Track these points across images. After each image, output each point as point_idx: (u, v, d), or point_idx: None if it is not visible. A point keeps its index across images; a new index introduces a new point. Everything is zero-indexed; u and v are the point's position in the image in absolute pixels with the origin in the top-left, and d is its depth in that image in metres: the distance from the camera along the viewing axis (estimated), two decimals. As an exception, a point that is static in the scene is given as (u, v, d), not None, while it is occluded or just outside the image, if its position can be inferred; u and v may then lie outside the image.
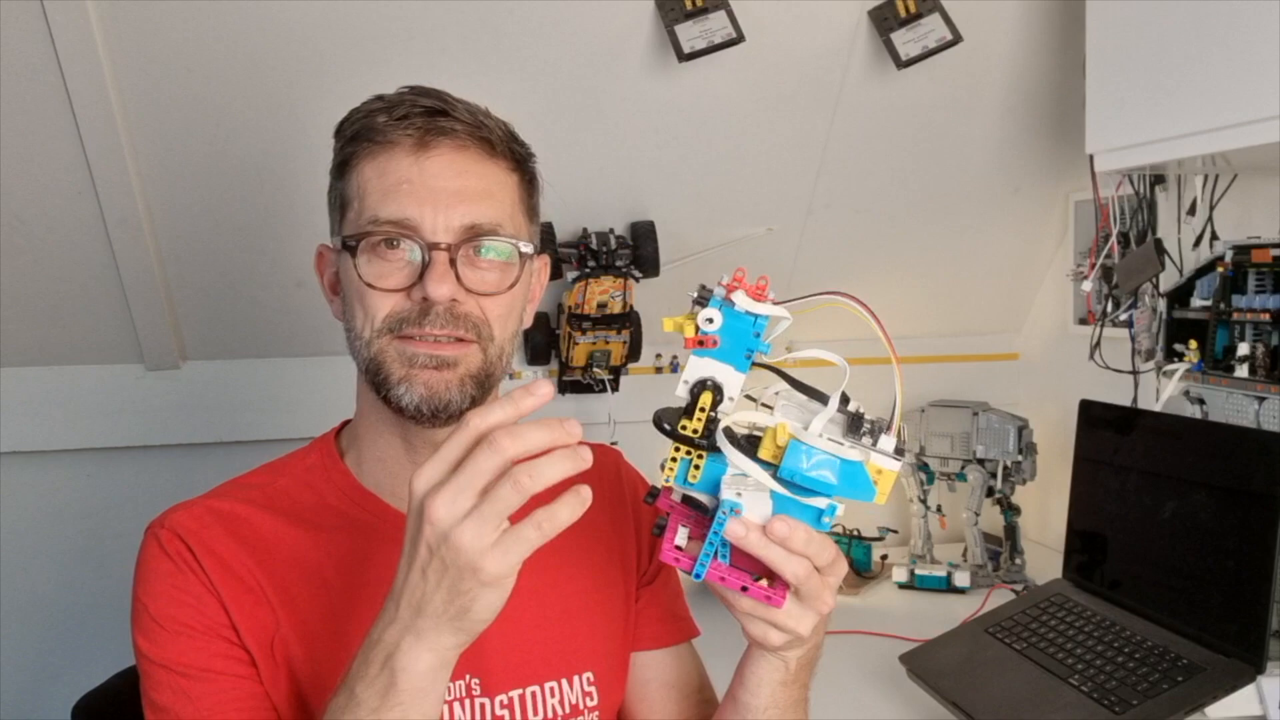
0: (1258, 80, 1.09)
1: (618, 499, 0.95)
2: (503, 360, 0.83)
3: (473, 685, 0.80)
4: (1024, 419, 1.68)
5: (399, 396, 0.79)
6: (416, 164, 0.78)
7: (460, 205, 0.78)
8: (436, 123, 0.78)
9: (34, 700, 1.54)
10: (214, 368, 1.56)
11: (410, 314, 0.78)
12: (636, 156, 1.51)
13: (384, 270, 0.78)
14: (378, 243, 0.78)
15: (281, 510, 0.83)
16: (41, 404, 1.49)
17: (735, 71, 1.40)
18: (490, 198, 0.80)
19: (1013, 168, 1.70)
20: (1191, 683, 1.11)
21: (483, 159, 0.80)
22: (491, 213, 0.79)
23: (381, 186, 0.78)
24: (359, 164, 0.80)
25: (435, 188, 0.77)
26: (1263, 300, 1.31)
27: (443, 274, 0.77)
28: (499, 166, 0.82)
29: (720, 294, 0.63)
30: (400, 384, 0.79)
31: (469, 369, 0.79)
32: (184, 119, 1.29)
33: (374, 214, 0.77)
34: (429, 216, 0.77)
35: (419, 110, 0.78)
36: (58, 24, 1.14)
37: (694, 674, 0.96)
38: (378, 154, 0.79)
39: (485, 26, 1.30)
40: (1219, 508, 1.20)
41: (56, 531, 1.55)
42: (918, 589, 1.62)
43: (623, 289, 1.54)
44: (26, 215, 1.32)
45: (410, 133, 0.78)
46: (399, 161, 0.78)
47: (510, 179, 0.83)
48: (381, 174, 0.78)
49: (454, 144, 0.79)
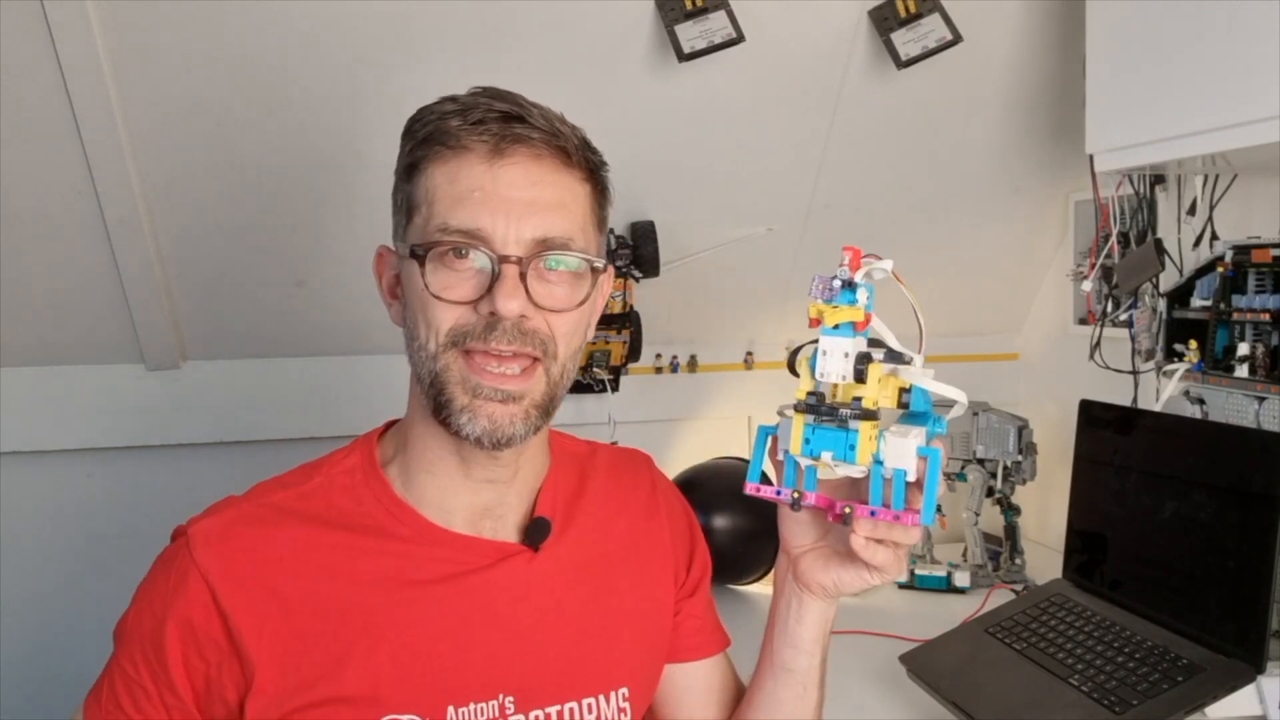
0: (1258, 80, 1.09)
1: (652, 510, 0.94)
2: (565, 379, 0.80)
3: (506, 704, 0.79)
4: (1024, 419, 1.68)
5: (460, 425, 0.76)
6: (490, 171, 0.75)
7: (534, 217, 0.75)
8: (512, 129, 0.75)
9: (34, 700, 1.54)
10: (214, 368, 1.56)
11: (476, 328, 0.75)
12: (636, 156, 1.50)
13: (451, 281, 0.75)
14: (446, 252, 0.75)
15: (311, 515, 0.79)
16: (41, 404, 1.49)
17: (735, 71, 1.40)
18: (564, 209, 0.77)
19: (1013, 168, 1.70)
20: (1191, 683, 1.11)
21: (558, 168, 0.77)
22: (564, 225, 0.76)
23: (453, 193, 0.75)
24: (429, 168, 0.77)
25: (509, 197, 0.75)
26: (1263, 300, 1.31)
27: (513, 289, 0.74)
28: (573, 176, 0.79)
29: (845, 275, 0.71)
30: (463, 413, 0.76)
31: (534, 400, 0.77)
32: (184, 119, 1.29)
33: (443, 221, 0.75)
34: (501, 227, 0.74)
35: (494, 115, 0.75)
36: (58, 24, 1.14)
37: (733, 681, 0.97)
38: (449, 159, 0.76)
39: (485, 26, 1.30)
40: (1219, 508, 1.20)
41: (56, 531, 1.55)
42: (918, 589, 1.61)
43: (623, 289, 1.54)
44: (26, 215, 1.32)
45: (485, 139, 0.75)
46: (472, 168, 0.75)
47: (583, 189, 0.80)
48: (453, 180, 0.75)
49: (529, 152, 0.76)
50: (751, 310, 1.79)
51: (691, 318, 1.76)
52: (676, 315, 1.73)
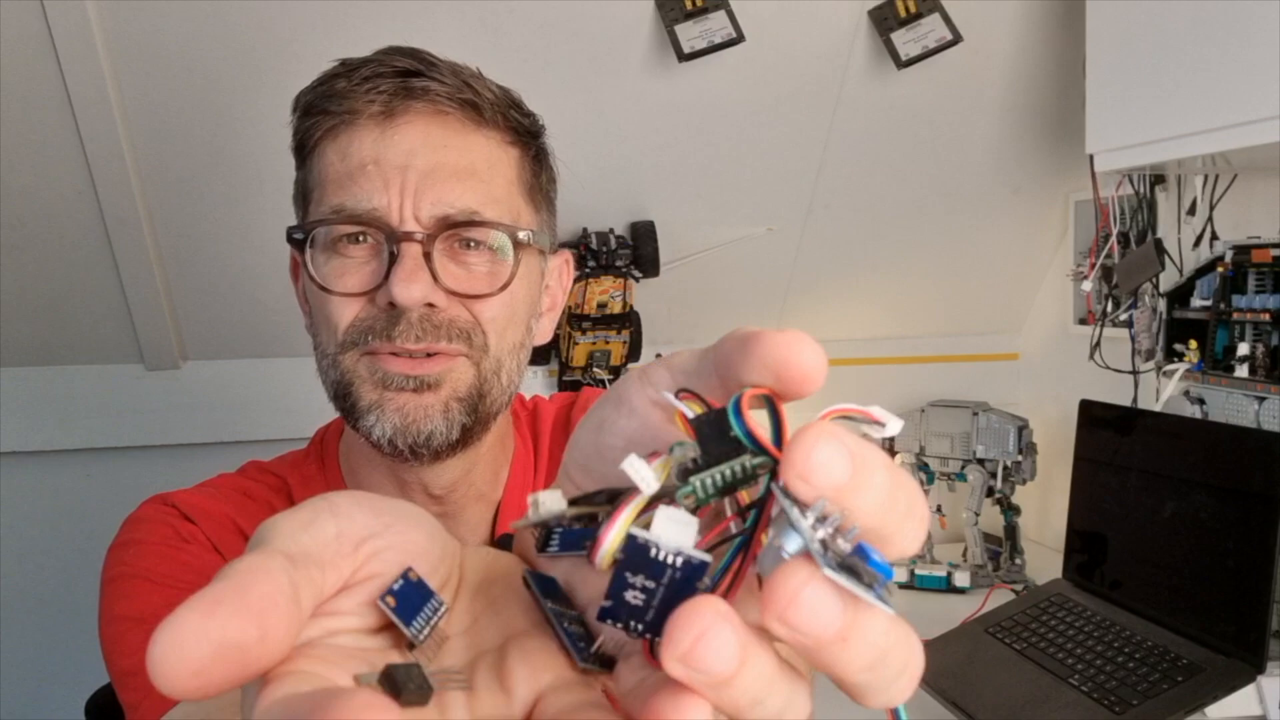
0: (1258, 80, 1.09)
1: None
2: (502, 378, 0.67)
3: None
4: (1024, 419, 1.68)
5: (369, 428, 0.64)
6: (384, 138, 0.63)
7: (436, 186, 0.63)
8: (408, 84, 0.63)
9: (35, 701, 1.54)
10: (214, 368, 1.56)
11: (377, 324, 0.63)
12: (636, 156, 1.51)
13: (345, 268, 0.64)
14: (338, 237, 0.63)
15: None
16: (41, 404, 1.49)
17: (735, 71, 1.40)
18: (474, 177, 0.64)
19: (1012, 168, 1.70)
20: (1191, 683, 1.11)
21: (466, 129, 0.65)
22: (474, 195, 0.64)
23: (344, 170, 0.63)
24: (321, 145, 0.66)
25: (406, 166, 0.63)
26: (1263, 300, 1.31)
27: (412, 271, 0.61)
28: (489, 139, 0.66)
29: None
30: (370, 412, 0.64)
31: (455, 390, 0.64)
32: (184, 119, 1.29)
33: (335, 203, 0.63)
34: (396, 202, 0.62)
35: (387, 71, 0.63)
36: (58, 24, 1.14)
37: None
38: (340, 132, 0.64)
39: (485, 27, 1.30)
40: (1219, 508, 1.20)
41: (56, 531, 1.55)
42: (917, 589, 1.61)
43: (623, 289, 1.54)
44: (26, 215, 1.32)
45: (374, 99, 0.63)
46: (364, 139, 0.63)
47: (506, 154, 0.68)
48: (344, 155, 0.64)
49: (430, 109, 0.64)
50: (751, 310, 1.79)
51: (691, 318, 1.76)
52: (676, 315, 1.73)
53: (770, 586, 0.22)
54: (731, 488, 0.25)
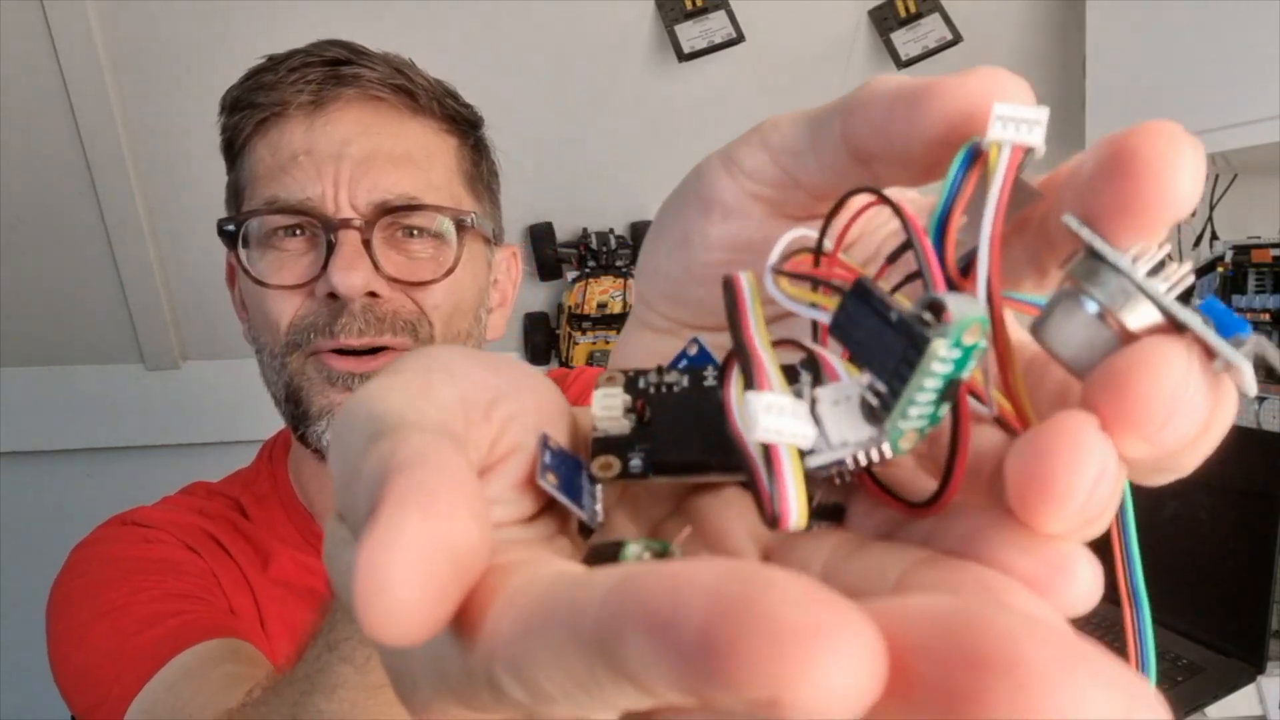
0: (1258, 80, 1.09)
1: None
2: None
3: None
4: (1024, 419, 1.68)
5: (319, 435, 0.62)
6: (314, 128, 0.61)
7: (372, 173, 0.61)
8: (337, 71, 0.62)
9: (35, 701, 1.54)
10: (214, 368, 1.56)
11: (319, 319, 0.61)
12: (636, 156, 1.50)
13: (281, 262, 0.62)
14: (272, 230, 0.62)
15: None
16: (41, 404, 1.49)
17: (735, 71, 1.40)
18: (411, 163, 0.63)
19: (1013, 168, 1.70)
20: (1191, 683, 1.11)
21: (402, 116, 0.64)
22: (412, 181, 0.62)
23: (275, 164, 0.62)
24: (250, 140, 0.65)
25: (340, 155, 0.61)
26: (1263, 300, 1.31)
27: (351, 258, 0.59)
28: (426, 126, 0.65)
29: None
30: (321, 418, 0.62)
31: None
32: (184, 119, 1.29)
33: (269, 195, 0.62)
34: (331, 190, 0.60)
35: (316, 61, 0.63)
36: (58, 24, 1.14)
37: None
38: (268, 124, 0.63)
39: (485, 26, 1.30)
40: (1219, 508, 1.20)
41: (56, 531, 1.54)
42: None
43: (623, 289, 1.54)
44: (26, 215, 1.32)
45: (303, 89, 0.61)
46: (294, 131, 0.62)
47: (444, 142, 0.66)
48: (275, 150, 0.62)
49: (361, 96, 0.62)
50: (751, 310, 1.79)
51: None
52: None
53: (1119, 388, 0.15)
54: (953, 390, 0.17)
